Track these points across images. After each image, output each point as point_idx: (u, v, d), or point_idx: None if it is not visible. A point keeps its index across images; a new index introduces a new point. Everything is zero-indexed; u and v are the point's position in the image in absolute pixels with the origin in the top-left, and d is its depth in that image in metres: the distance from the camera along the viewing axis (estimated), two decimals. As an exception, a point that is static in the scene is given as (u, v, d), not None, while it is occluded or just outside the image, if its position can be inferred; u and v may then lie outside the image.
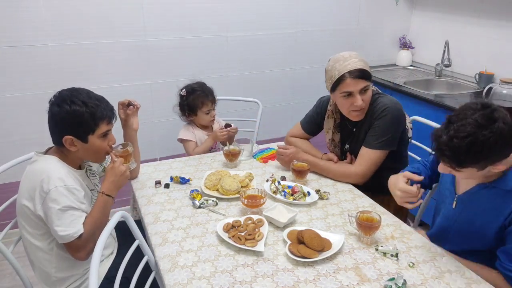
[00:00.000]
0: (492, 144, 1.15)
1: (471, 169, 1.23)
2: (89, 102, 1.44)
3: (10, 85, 2.38)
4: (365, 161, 1.77)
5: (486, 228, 1.33)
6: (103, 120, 1.47)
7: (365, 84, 1.70)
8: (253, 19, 2.87)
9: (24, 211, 1.43)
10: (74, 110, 1.41)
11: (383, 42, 3.42)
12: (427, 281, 1.25)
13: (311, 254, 1.31)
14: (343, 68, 1.69)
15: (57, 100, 1.43)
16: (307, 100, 3.21)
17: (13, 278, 2.41)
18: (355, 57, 1.71)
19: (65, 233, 1.38)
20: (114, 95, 2.62)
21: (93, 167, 1.69)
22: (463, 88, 2.90)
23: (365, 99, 1.73)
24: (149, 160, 2.52)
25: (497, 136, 1.15)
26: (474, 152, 1.16)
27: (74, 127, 1.43)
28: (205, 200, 1.66)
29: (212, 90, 2.27)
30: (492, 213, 1.31)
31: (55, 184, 1.37)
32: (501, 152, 1.19)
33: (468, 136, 1.16)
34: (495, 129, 1.15)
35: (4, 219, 2.01)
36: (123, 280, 1.26)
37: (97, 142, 1.49)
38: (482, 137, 1.15)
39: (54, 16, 2.36)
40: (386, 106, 1.74)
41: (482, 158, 1.19)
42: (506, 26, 2.69)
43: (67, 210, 1.38)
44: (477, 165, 1.21)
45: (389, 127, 1.74)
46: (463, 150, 1.17)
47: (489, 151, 1.16)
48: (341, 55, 1.74)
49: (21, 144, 2.48)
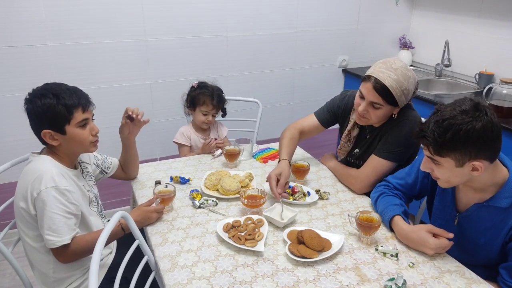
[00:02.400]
0: (469, 129, 1.15)
1: (448, 161, 1.22)
2: (60, 93, 1.42)
3: (10, 85, 2.38)
4: (368, 167, 1.72)
5: (490, 245, 1.32)
6: (76, 108, 1.43)
7: (377, 101, 1.58)
8: (253, 19, 2.87)
9: (20, 213, 1.43)
10: (45, 103, 1.39)
11: (383, 42, 3.42)
12: (427, 281, 1.25)
13: (311, 254, 1.31)
14: (376, 71, 1.58)
15: (30, 97, 1.43)
16: (307, 100, 3.22)
17: (13, 278, 2.41)
18: (397, 75, 1.55)
19: (50, 237, 1.37)
20: (114, 95, 2.66)
21: (89, 169, 1.68)
22: (463, 88, 2.90)
23: (372, 113, 1.63)
24: (149, 160, 2.52)
25: (477, 123, 1.15)
26: (452, 134, 1.17)
27: (48, 120, 1.41)
28: (205, 200, 1.66)
29: (222, 98, 2.21)
30: (494, 231, 1.30)
31: (46, 185, 1.36)
32: (480, 144, 1.18)
33: (449, 118, 1.17)
34: (476, 116, 1.16)
35: (4, 219, 2.01)
36: (123, 280, 1.25)
37: (76, 131, 1.45)
38: (461, 120, 1.16)
39: (54, 16, 2.36)
40: (407, 118, 1.65)
41: (459, 144, 1.18)
42: (506, 26, 2.69)
43: (56, 215, 1.37)
44: (454, 153, 1.20)
45: (401, 140, 1.65)
46: (441, 131, 1.18)
47: (466, 136, 1.16)
48: (393, 61, 1.60)
49: (21, 144, 2.48)
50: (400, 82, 1.57)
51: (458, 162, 1.21)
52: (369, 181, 1.71)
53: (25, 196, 1.39)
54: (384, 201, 1.54)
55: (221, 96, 2.22)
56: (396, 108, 1.65)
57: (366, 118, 1.67)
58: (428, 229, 1.35)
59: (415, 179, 1.55)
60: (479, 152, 1.19)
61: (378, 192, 1.61)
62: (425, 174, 1.51)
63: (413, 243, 1.37)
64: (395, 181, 1.60)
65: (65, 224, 1.40)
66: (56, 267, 1.48)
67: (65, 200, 1.40)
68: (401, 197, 1.57)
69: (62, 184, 1.40)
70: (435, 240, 1.32)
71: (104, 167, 1.75)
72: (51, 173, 1.39)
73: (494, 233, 1.31)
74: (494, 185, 1.29)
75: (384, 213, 1.48)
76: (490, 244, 1.33)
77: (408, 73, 1.60)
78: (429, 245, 1.32)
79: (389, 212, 1.47)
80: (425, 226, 1.36)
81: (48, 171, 1.40)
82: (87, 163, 1.67)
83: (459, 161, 1.21)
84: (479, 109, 1.18)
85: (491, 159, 1.23)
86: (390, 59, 1.63)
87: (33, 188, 1.37)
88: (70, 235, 1.40)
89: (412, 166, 1.58)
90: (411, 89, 1.62)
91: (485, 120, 1.16)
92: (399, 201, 1.53)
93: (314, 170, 1.93)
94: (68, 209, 1.41)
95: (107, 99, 2.61)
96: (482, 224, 1.34)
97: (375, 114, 1.64)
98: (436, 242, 1.32)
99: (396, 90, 1.57)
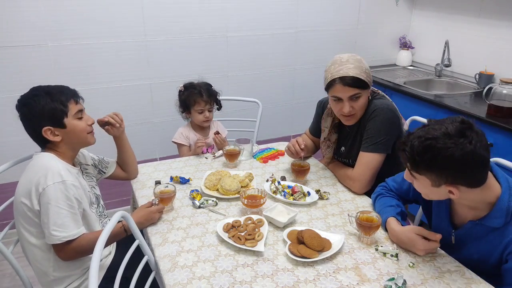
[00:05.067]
0: (448, 156, 1.11)
1: (424, 179, 1.20)
2: (50, 91, 1.48)
3: (10, 85, 2.38)
4: (360, 165, 1.73)
5: (484, 263, 1.31)
6: (69, 100, 1.50)
7: (355, 92, 1.65)
8: (253, 19, 2.87)
9: (22, 209, 1.43)
10: (40, 102, 1.44)
11: (383, 42, 3.42)
12: (427, 281, 1.25)
13: (311, 254, 1.31)
14: (336, 73, 1.66)
15: (22, 101, 1.47)
16: (307, 100, 3.22)
17: (13, 278, 2.41)
18: (352, 63, 1.65)
19: (55, 232, 1.38)
20: (114, 95, 2.66)
21: (89, 170, 1.69)
22: (463, 88, 2.90)
23: (356, 106, 1.69)
24: (149, 160, 2.52)
25: (457, 151, 1.11)
26: (430, 156, 1.14)
27: (47, 117, 1.45)
28: (205, 200, 1.66)
29: (212, 91, 2.20)
30: (487, 249, 1.29)
31: (53, 180, 1.38)
32: (456, 171, 1.15)
33: (430, 139, 1.14)
34: (458, 143, 1.11)
35: (4, 219, 2.01)
36: (123, 280, 1.25)
37: (75, 123, 1.50)
38: (443, 144, 1.12)
39: (54, 16, 2.36)
40: (376, 107, 1.71)
41: (435, 167, 1.16)
42: (506, 26, 2.69)
43: (62, 209, 1.38)
44: (430, 173, 1.18)
45: (380, 129, 1.69)
46: (419, 150, 1.15)
47: (444, 162, 1.13)
48: (339, 57, 1.69)
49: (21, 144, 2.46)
50: (359, 66, 1.66)
51: (434, 182, 1.20)
52: (365, 179, 1.72)
53: (29, 191, 1.39)
54: (380, 203, 1.56)
55: (210, 90, 2.20)
56: (369, 91, 1.74)
57: (353, 115, 1.73)
58: (417, 231, 1.36)
59: (408, 185, 1.53)
60: (456, 179, 1.17)
61: (376, 193, 1.63)
62: None
63: (404, 244, 1.39)
64: (392, 184, 1.61)
65: (72, 220, 1.41)
66: (56, 265, 1.48)
67: (71, 195, 1.41)
68: (399, 198, 1.58)
69: (68, 179, 1.42)
70: (424, 242, 1.33)
71: (101, 167, 1.76)
72: (58, 168, 1.41)
73: (488, 252, 1.29)
74: (487, 204, 1.25)
75: (380, 215, 1.49)
76: (484, 261, 1.31)
77: (357, 57, 1.70)
78: (418, 246, 1.34)
79: (384, 214, 1.48)
80: (415, 228, 1.37)
81: (54, 167, 1.41)
82: (86, 164, 1.68)
83: (435, 182, 1.20)
84: (465, 135, 1.12)
85: (471, 186, 1.19)
86: (336, 57, 1.71)
87: (38, 183, 1.38)
88: (77, 230, 1.41)
89: None
90: (368, 68, 1.71)
91: (467, 149, 1.11)
92: (396, 202, 1.53)
93: (314, 170, 1.93)
94: (74, 204, 1.42)
95: (107, 99, 2.61)
96: (476, 242, 1.32)
97: (358, 105, 1.70)
98: (425, 244, 1.33)
99: (361, 74, 1.66)
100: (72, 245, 1.42)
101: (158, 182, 1.81)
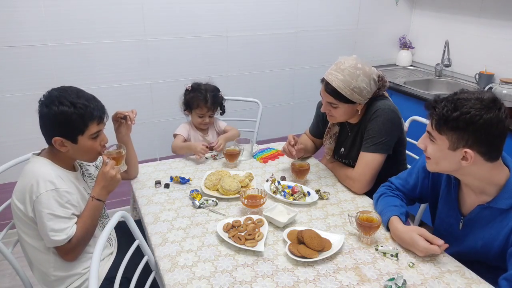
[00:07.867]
0: (477, 115, 1.17)
1: (444, 140, 1.23)
2: (78, 102, 1.40)
3: (11, 85, 2.38)
4: (361, 165, 1.73)
5: (489, 248, 1.32)
6: (92, 121, 1.44)
7: (331, 101, 1.67)
8: (253, 19, 2.87)
9: (16, 212, 1.43)
10: (62, 111, 1.38)
11: (383, 42, 3.42)
12: (427, 281, 1.25)
13: (311, 254, 1.31)
14: (327, 74, 1.67)
15: (46, 101, 1.41)
16: (307, 100, 3.22)
17: (13, 278, 2.41)
18: (346, 74, 1.61)
19: (55, 238, 1.38)
20: (114, 95, 2.65)
21: (91, 170, 1.67)
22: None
23: (335, 113, 1.71)
24: (149, 160, 2.52)
25: (486, 113, 1.16)
26: (459, 114, 1.18)
27: (62, 128, 1.40)
28: (205, 200, 1.66)
29: (217, 99, 2.18)
30: (493, 232, 1.30)
31: (45, 188, 1.36)
32: (479, 135, 1.19)
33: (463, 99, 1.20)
34: (489, 108, 1.17)
35: (4, 219, 2.01)
36: (123, 280, 1.26)
37: (88, 142, 1.45)
38: (473, 105, 1.18)
39: (54, 16, 2.36)
40: (378, 108, 1.70)
41: (460, 127, 1.19)
42: (506, 26, 2.69)
43: (58, 215, 1.38)
44: (453, 133, 1.21)
45: (381, 130, 1.69)
46: (451, 107, 1.20)
47: (471, 121, 1.17)
48: (341, 61, 1.66)
49: (21, 144, 2.48)
50: (348, 81, 1.62)
51: (453, 144, 1.23)
52: (365, 179, 1.71)
53: (24, 198, 1.39)
54: (384, 202, 1.55)
55: (216, 96, 2.18)
56: (357, 105, 1.69)
57: (332, 115, 1.75)
58: (420, 233, 1.36)
59: (416, 179, 1.55)
60: (476, 142, 1.20)
61: (379, 192, 1.62)
62: (425, 175, 1.52)
63: (405, 243, 1.39)
64: (397, 182, 1.61)
65: (69, 222, 1.41)
66: (56, 265, 1.48)
67: (64, 202, 1.40)
68: (402, 199, 1.57)
69: (61, 186, 1.40)
70: (425, 244, 1.33)
71: None
72: (50, 176, 1.39)
73: (493, 235, 1.30)
74: (495, 185, 1.28)
75: (383, 214, 1.50)
76: (488, 247, 1.32)
77: (357, 72, 1.62)
78: (419, 248, 1.34)
79: (387, 213, 1.48)
80: (418, 229, 1.37)
81: (46, 174, 1.39)
82: (88, 164, 1.67)
83: (453, 143, 1.22)
84: (495, 103, 1.19)
85: (486, 156, 1.22)
86: (342, 58, 1.68)
87: (32, 191, 1.37)
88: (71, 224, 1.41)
89: (413, 167, 1.58)
90: (364, 86, 1.64)
91: (495, 114, 1.17)
92: (399, 202, 1.53)
93: (314, 170, 1.93)
94: (69, 209, 1.41)
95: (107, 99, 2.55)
96: (484, 226, 1.33)
97: (336, 113, 1.72)
98: (425, 246, 1.33)
99: (344, 90, 1.62)
100: (72, 242, 1.41)
101: (158, 182, 1.81)
